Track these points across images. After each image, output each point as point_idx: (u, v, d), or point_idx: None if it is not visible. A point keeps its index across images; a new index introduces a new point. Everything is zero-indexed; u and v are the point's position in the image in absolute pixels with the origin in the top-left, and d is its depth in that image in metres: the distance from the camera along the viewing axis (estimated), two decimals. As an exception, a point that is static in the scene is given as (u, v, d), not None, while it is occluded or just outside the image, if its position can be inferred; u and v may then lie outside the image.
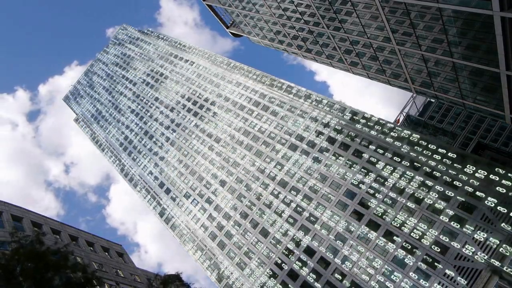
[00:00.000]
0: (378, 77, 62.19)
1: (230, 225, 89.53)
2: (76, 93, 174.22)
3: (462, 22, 36.52)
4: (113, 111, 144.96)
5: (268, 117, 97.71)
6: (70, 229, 55.70)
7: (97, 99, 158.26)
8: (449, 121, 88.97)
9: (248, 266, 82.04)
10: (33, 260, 32.25)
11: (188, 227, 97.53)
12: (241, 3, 73.74)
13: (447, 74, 46.23)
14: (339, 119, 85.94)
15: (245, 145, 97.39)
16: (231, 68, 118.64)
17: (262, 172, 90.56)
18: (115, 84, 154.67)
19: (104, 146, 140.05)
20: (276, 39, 78.30)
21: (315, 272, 71.99)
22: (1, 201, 47.85)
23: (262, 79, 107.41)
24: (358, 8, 47.84)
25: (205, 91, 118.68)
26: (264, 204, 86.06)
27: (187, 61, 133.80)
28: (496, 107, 44.20)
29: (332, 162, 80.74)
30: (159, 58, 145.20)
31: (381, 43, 50.87)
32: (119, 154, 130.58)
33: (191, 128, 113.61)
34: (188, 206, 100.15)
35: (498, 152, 79.89)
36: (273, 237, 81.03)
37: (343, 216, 73.38)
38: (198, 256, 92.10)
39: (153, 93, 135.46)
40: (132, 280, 54.31)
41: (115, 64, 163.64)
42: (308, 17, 60.11)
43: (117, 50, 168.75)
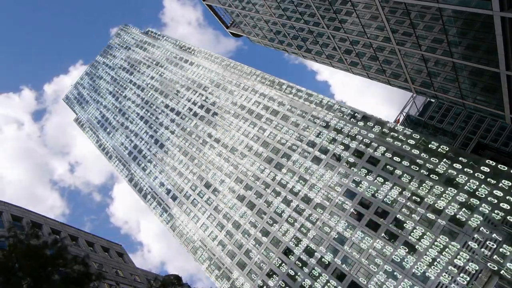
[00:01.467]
0: (378, 77, 62.18)
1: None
2: (78, 97, 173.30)
3: (462, 22, 36.50)
4: (117, 116, 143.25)
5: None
6: (70, 229, 55.72)
7: (100, 102, 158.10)
8: (449, 121, 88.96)
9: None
10: (30, 256, 32.22)
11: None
12: (241, 3, 73.71)
13: (447, 74, 46.21)
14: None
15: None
16: (237, 71, 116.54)
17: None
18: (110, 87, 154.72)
19: (110, 152, 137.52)
20: (276, 39, 78.27)
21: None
22: (1, 201, 47.86)
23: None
24: (358, 8, 47.82)
25: (211, 95, 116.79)
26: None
27: (192, 63, 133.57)
28: (496, 107, 44.18)
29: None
30: (149, 61, 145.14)
31: (381, 43, 50.85)
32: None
33: (199, 133, 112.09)
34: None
35: (498, 152, 79.87)
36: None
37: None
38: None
39: (158, 97, 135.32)
40: (132, 280, 54.30)
41: (107, 65, 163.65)
42: (308, 17, 60.08)
43: (116, 52, 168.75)
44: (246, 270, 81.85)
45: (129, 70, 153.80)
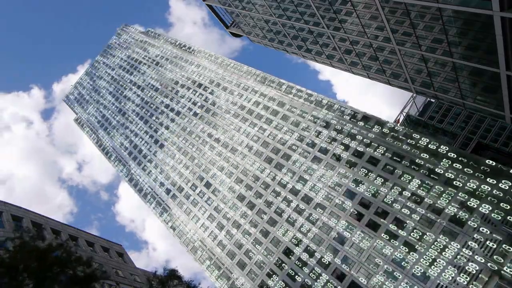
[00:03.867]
0: (378, 77, 62.17)
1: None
2: (78, 97, 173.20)
3: (462, 22, 36.50)
4: (117, 116, 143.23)
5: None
6: (70, 229, 55.76)
7: (101, 102, 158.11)
8: (449, 121, 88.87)
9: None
10: (36, 257, 32.33)
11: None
12: (241, 3, 73.69)
13: (447, 74, 46.20)
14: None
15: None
16: (237, 71, 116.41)
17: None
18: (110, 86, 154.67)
19: (110, 152, 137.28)
20: (276, 39, 78.25)
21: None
22: (1, 201, 47.89)
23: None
24: (358, 8, 47.80)
25: (211, 95, 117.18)
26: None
27: (192, 63, 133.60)
28: (496, 107, 44.17)
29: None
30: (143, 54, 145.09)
31: (381, 43, 50.84)
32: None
33: (199, 133, 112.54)
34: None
35: (498, 152, 79.81)
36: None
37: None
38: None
39: (158, 97, 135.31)
40: (132, 280, 54.32)
41: (107, 65, 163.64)
42: (308, 17, 60.07)
43: (116, 52, 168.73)
44: (246, 270, 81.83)
45: (129, 70, 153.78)
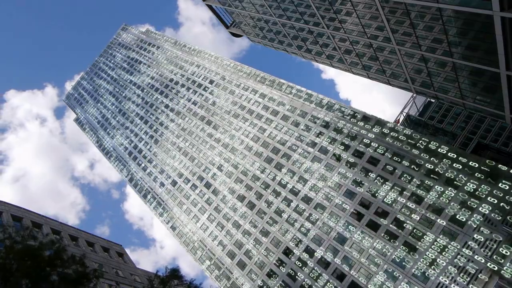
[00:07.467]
0: (378, 77, 62.20)
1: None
2: (78, 97, 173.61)
3: (462, 22, 36.53)
4: (117, 116, 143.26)
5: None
6: (70, 229, 55.78)
7: (101, 102, 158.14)
8: (449, 121, 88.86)
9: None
10: (28, 257, 32.21)
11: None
12: (241, 3, 73.70)
13: (447, 74, 46.23)
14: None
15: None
16: (237, 71, 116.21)
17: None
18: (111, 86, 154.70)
19: (110, 152, 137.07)
20: (276, 39, 78.27)
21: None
22: (1, 201, 47.92)
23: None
24: (358, 8, 47.83)
25: (212, 95, 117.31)
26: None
27: (197, 65, 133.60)
28: (496, 107, 44.21)
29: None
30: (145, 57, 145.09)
31: (381, 43, 50.86)
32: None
33: (199, 133, 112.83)
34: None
35: (498, 152, 79.83)
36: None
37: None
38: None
39: (158, 97, 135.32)
40: (132, 280, 54.30)
41: (107, 65, 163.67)
42: (308, 17, 60.09)
43: (116, 52, 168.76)
44: (246, 270, 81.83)
45: (129, 70, 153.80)
